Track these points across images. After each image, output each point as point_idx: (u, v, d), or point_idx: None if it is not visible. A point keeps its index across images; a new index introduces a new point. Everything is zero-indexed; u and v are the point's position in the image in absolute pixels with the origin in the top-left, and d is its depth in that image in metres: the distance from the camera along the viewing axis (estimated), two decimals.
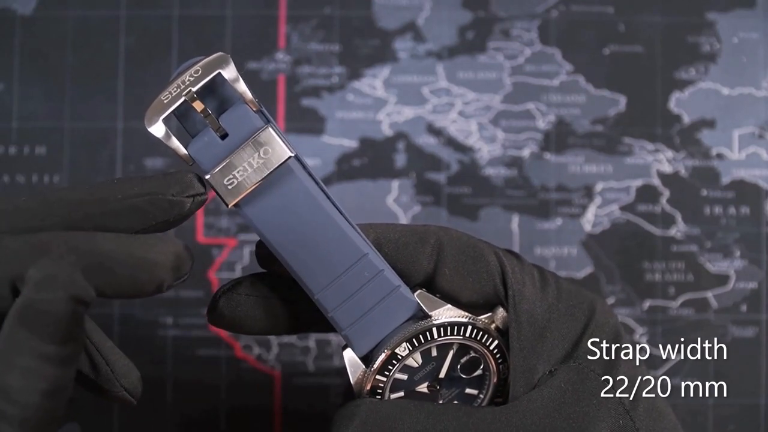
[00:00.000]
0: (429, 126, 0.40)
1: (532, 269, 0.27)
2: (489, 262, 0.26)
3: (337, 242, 0.24)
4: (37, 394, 0.21)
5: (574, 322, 0.26)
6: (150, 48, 0.40)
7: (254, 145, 0.23)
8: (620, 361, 0.25)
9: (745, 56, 0.41)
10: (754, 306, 0.40)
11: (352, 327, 0.25)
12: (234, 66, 0.23)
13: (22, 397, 0.21)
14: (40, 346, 0.21)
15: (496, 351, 0.26)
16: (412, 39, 0.40)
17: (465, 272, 0.26)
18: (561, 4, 0.41)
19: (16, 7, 0.40)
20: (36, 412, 0.21)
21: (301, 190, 0.23)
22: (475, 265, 0.26)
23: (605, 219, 0.40)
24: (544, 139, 0.40)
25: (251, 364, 0.40)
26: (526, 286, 0.26)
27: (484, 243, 0.27)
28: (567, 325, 0.26)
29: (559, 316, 0.26)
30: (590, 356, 0.25)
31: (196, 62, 0.23)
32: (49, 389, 0.21)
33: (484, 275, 0.26)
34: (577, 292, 0.27)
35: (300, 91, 0.40)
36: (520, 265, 0.27)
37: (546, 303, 0.26)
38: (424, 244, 0.26)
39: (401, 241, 0.26)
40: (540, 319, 0.26)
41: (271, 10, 0.40)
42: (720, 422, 0.39)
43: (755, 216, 0.40)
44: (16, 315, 0.21)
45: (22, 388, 0.21)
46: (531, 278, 0.27)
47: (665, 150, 0.40)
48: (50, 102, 0.40)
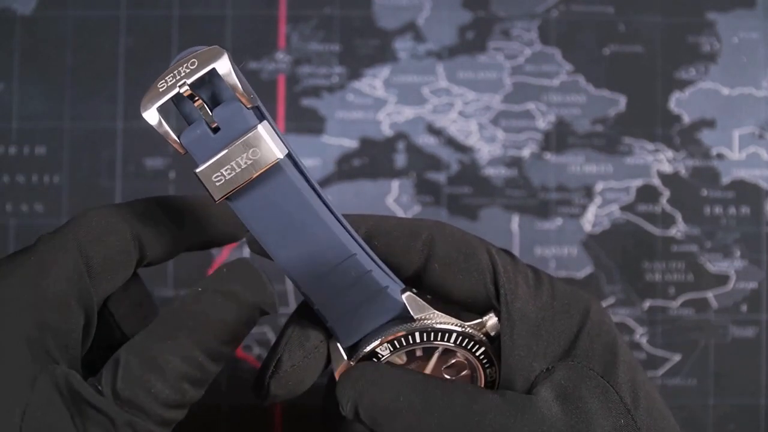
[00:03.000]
0: (429, 126, 0.40)
1: (525, 269, 0.27)
2: (481, 260, 0.26)
3: (325, 241, 0.24)
4: (186, 381, 0.22)
5: (570, 320, 0.26)
6: (150, 48, 0.40)
7: (243, 145, 0.23)
8: (619, 360, 0.25)
9: (745, 56, 0.41)
10: (754, 306, 0.40)
11: (338, 320, 0.25)
12: (228, 59, 0.22)
13: (173, 379, 0.22)
14: (211, 341, 0.23)
15: (483, 357, 0.26)
16: (412, 39, 0.40)
17: (455, 269, 0.26)
18: (561, 4, 0.41)
19: (16, 7, 0.40)
20: (178, 396, 0.22)
21: (290, 189, 0.23)
22: (466, 263, 0.26)
23: (605, 219, 0.40)
24: (544, 139, 0.40)
25: (251, 364, 0.40)
26: (519, 285, 0.26)
27: (478, 240, 0.27)
28: (562, 323, 0.26)
29: (553, 315, 0.26)
30: (589, 355, 0.25)
31: (194, 52, 0.23)
32: (197, 380, 0.23)
33: (475, 273, 0.26)
34: (571, 291, 0.27)
35: (300, 91, 0.40)
36: (514, 264, 0.27)
37: (540, 302, 0.26)
38: (415, 238, 0.26)
39: (393, 233, 0.26)
40: (533, 318, 0.25)
41: (271, 10, 0.40)
42: (720, 422, 0.39)
43: (755, 216, 0.40)
44: (202, 302, 0.23)
45: (178, 372, 0.22)
46: (524, 277, 0.26)
47: (665, 150, 0.40)
48: (50, 102, 0.40)
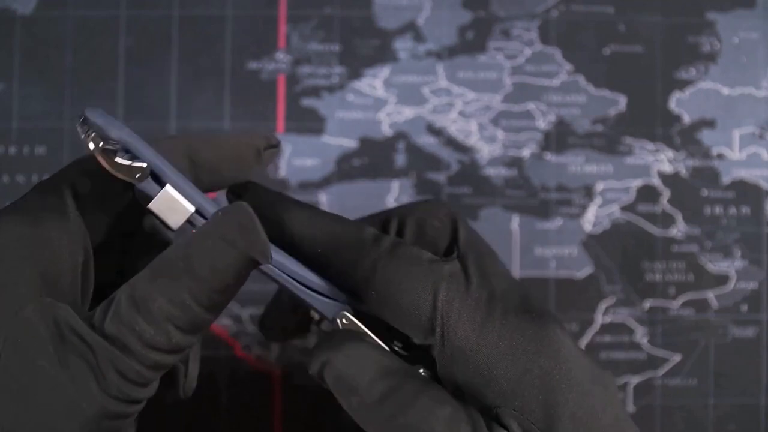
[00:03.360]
0: (429, 126, 0.40)
1: (478, 296, 0.24)
2: (421, 294, 0.24)
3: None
4: (171, 323, 0.22)
5: (513, 366, 0.23)
6: (150, 48, 0.40)
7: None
8: (559, 414, 0.23)
9: (745, 56, 0.41)
10: (755, 306, 0.40)
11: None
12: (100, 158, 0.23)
13: (158, 320, 0.21)
14: (200, 285, 0.22)
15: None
16: (412, 39, 0.40)
17: (392, 300, 0.24)
18: (561, 4, 0.41)
19: (16, 7, 0.40)
20: (163, 339, 0.22)
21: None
22: (404, 295, 0.24)
23: (605, 219, 0.40)
24: (544, 139, 0.40)
25: (251, 364, 0.40)
26: (461, 321, 0.24)
27: (425, 271, 0.25)
28: (505, 367, 0.24)
29: (498, 356, 0.24)
30: (530, 408, 0.23)
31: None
32: (185, 324, 0.22)
33: (411, 307, 0.24)
34: (525, 328, 0.24)
35: (300, 91, 0.40)
36: (464, 294, 0.24)
37: (484, 339, 0.24)
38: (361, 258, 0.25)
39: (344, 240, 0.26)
40: (473, 356, 0.24)
41: (271, 10, 0.40)
42: (720, 422, 0.39)
43: (755, 216, 0.40)
44: (192, 248, 0.22)
45: (164, 313, 0.21)
46: (472, 310, 0.24)
47: (665, 150, 0.40)
48: (50, 102, 0.40)
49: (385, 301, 0.25)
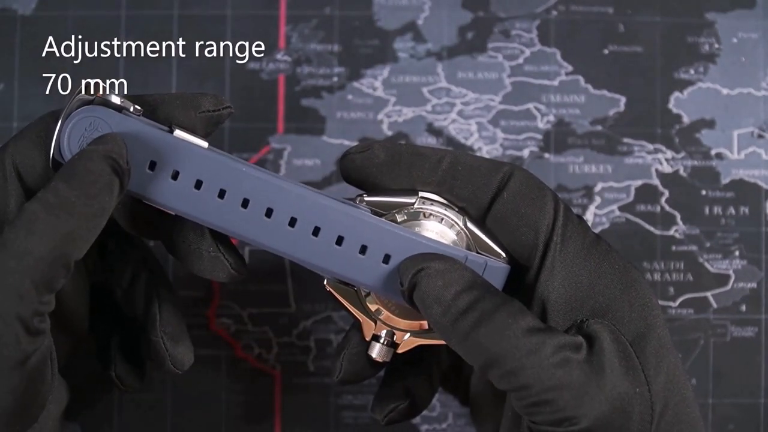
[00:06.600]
0: (429, 126, 0.40)
1: (587, 230, 0.28)
2: (547, 202, 0.27)
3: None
4: (50, 231, 0.23)
5: (612, 286, 0.27)
6: (150, 48, 0.40)
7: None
8: (651, 334, 0.26)
9: (745, 56, 0.41)
10: (754, 306, 0.40)
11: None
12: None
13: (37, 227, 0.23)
14: (68, 192, 0.23)
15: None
16: (412, 39, 0.40)
17: (523, 201, 0.27)
18: (561, 4, 0.41)
19: (16, 7, 0.40)
20: (41, 250, 0.23)
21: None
22: (535, 196, 0.27)
23: (605, 219, 0.40)
24: (544, 139, 0.40)
25: (251, 363, 0.40)
26: (572, 239, 0.27)
27: (551, 191, 0.27)
28: (603, 285, 0.27)
29: (598, 276, 0.27)
30: (624, 321, 0.26)
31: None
32: (63, 236, 0.23)
33: (538, 211, 0.27)
34: (623, 266, 0.27)
35: (300, 91, 0.40)
36: (577, 221, 0.27)
37: (588, 263, 0.27)
38: (497, 170, 0.27)
39: (475, 165, 0.27)
40: (575, 272, 0.26)
41: (271, 10, 0.40)
42: (720, 422, 0.39)
43: (755, 216, 0.40)
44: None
45: (41, 220, 0.23)
46: (582, 235, 0.27)
47: (665, 150, 0.40)
48: (50, 102, 0.40)
49: (516, 200, 0.27)
